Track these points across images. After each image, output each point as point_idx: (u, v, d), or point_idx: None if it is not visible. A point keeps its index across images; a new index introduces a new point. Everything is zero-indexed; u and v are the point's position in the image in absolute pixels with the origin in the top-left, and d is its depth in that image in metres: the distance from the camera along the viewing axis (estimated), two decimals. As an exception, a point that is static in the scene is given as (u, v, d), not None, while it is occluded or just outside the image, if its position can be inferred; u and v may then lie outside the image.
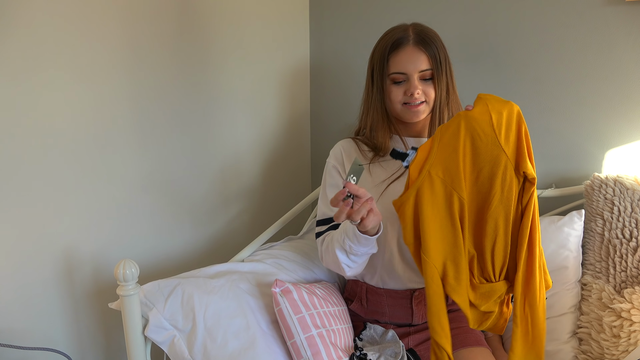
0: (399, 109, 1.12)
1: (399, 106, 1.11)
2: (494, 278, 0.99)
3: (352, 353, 1.07)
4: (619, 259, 1.17)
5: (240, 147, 1.64)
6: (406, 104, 1.10)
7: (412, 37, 1.08)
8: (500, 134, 0.94)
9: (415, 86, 1.07)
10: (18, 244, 1.13)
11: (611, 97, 1.31)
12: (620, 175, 1.24)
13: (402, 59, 1.07)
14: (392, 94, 1.10)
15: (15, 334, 1.16)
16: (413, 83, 1.07)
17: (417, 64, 1.07)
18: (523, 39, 1.40)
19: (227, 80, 1.55)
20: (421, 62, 1.07)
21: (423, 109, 1.10)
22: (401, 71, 1.08)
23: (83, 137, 1.21)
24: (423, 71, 1.07)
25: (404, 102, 1.10)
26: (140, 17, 1.28)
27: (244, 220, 1.73)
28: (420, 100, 1.09)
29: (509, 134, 0.95)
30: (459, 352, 1.10)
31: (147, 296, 1.07)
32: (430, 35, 1.09)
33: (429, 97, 1.10)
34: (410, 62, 1.07)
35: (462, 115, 0.96)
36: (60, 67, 1.14)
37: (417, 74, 1.07)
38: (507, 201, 0.96)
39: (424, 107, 1.10)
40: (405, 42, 1.07)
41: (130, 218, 1.36)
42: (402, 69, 1.07)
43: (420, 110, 1.10)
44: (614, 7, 1.26)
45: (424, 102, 1.10)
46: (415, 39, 1.08)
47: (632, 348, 1.04)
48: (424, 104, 1.10)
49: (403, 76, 1.08)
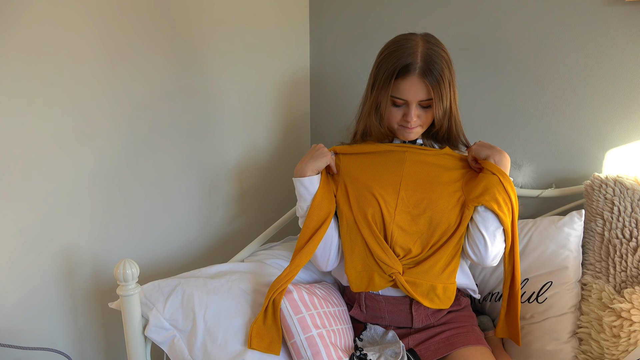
0: (395, 127, 1.17)
1: (395, 125, 1.17)
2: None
3: (352, 353, 1.07)
4: (619, 259, 1.17)
5: (241, 149, 1.64)
6: (402, 126, 1.16)
7: (419, 65, 1.06)
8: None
9: (413, 115, 1.11)
10: (18, 244, 1.13)
11: (611, 97, 1.31)
12: (620, 175, 1.24)
13: (405, 88, 1.09)
14: (391, 115, 1.15)
15: (15, 334, 1.16)
16: (411, 111, 1.11)
17: (418, 94, 1.09)
18: (523, 39, 1.40)
19: (228, 84, 1.55)
20: (422, 93, 1.09)
21: (418, 131, 1.16)
22: (402, 97, 1.11)
23: (82, 137, 1.21)
24: (422, 100, 1.11)
25: (400, 124, 1.16)
26: (138, 23, 1.27)
27: (244, 220, 1.73)
28: (416, 125, 1.14)
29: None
30: (459, 351, 1.11)
31: (147, 296, 1.07)
32: (436, 63, 1.07)
33: (425, 122, 1.15)
34: (412, 92, 1.09)
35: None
36: (58, 69, 1.14)
37: (417, 102, 1.11)
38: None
39: (419, 129, 1.16)
40: (412, 71, 1.07)
41: (130, 218, 1.36)
42: (403, 96, 1.10)
43: (415, 132, 1.16)
44: (614, 7, 1.26)
45: (419, 126, 1.15)
46: (421, 67, 1.06)
47: (632, 348, 1.04)
48: (419, 127, 1.16)
49: (402, 101, 1.12)
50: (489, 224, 1.09)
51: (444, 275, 1.12)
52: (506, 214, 1.08)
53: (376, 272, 1.13)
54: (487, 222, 1.09)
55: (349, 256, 1.16)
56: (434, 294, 1.12)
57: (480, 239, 1.09)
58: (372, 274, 1.13)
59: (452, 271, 1.14)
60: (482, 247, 1.09)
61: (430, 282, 1.11)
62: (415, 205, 1.13)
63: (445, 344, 1.13)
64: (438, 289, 1.12)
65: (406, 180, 1.16)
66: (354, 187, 1.17)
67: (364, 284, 1.15)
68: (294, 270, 1.11)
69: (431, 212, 1.12)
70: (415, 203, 1.13)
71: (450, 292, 1.14)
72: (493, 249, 1.10)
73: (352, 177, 1.19)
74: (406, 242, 1.13)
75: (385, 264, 1.11)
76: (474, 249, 1.11)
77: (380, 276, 1.13)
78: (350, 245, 1.16)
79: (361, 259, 1.15)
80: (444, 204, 1.12)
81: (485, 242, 1.09)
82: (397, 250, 1.13)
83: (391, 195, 1.15)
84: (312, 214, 1.14)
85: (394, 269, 1.11)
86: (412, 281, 1.12)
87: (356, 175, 1.19)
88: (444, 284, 1.12)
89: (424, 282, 1.11)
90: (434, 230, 1.12)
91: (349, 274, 1.16)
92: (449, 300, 1.14)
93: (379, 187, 1.15)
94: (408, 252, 1.13)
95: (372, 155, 1.21)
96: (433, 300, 1.13)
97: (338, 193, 1.19)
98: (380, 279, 1.13)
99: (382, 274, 1.13)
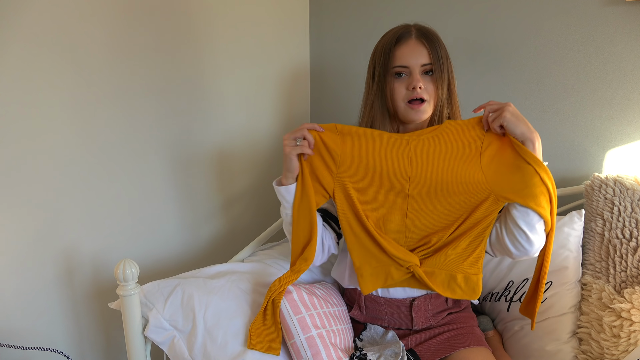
0: (402, 108, 1.10)
1: (403, 104, 1.10)
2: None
3: (352, 353, 1.07)
4: (619, 259, 1.17)
5: (241, 148, 1.64)
6: (409, 103, 1.09)
7: (414, 32, 1.10)
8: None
9: (418, 79, 1.07)
10: (18, 244, 1.13)
11: (611, 97, 1.31)
12: (620, 175, 1.24)
13: (405, 52, 1.08)
14: (395, 91, 1.10)
15: (15, 334, 1.16)
16: (415, 76, 1.08)
17: (419, 57, 1.08)
18: (523, 39, 1.40)
19: (227, 82, 1.55)
20: (423, 56, 1.08)
21: (425, 108, 1.09)
22: (404, 64, 1.08)
23: (83, 137, 1.21)
24: (424, 65, 1.08)
25: (407, 101, 1.09)
26: (138, 19, 1.27)
27: (244, 220, 1.73)
28: (422, 96, 1.08)
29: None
30: (459, 352, 1.10)
31: (147, 296, 1.07)
32: (431, 32, 1.11)
33: (431, 93, 1.09)
34: (413, 56, 1.08)
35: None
36: (58, 68, 1.14)
37: (419, 67, 1.08)
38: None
39: (426, 106, 1.09)
40: (408, 36, 1.09)
41: (130, 218, 1.36)
42: (405, 62, 1.08)
43: (422, 109, 1.09)
44: (614, 7, 1.26)
45: (426, 101, 1.09)
46: (417, 33, 1.10)
47: (632, 348, 1.04)
48: (426, 103, 1.09)
49: (405, 69, 1.09)
50: (529, 219, 1.01)
51: (465, 264, 1.07)
52: (545, 207, 1.00)
53: (392, 266, 1.10)
54: (527, 218, 1.01)
55: (359, 256, 1.11)
56: (455, 284, 1.08)
57: (522, 234, 1.03)
58: (389, 268, 1.10)
59: (475, 261, 1.08)
60: (525, 242, 1.04)
61: (450, 271, 1.07)
62: (429, 202, 1.07)
63: (446, 344, 1.13)
64: (458, 278, 1.07)
65: (416, 175, 1.06)
66: (357, 188, 1.09)
67: (381, 280, 1.11)
68: (295, 275, 1.09)
69: (448, 204, 1.06)
70: (428, 199, 1.07)
71: (473, 283, 1.08)
72: (537, 242, 1.04)
73: (353, 175, 1.08)
74: (422, 238, 1.09)
75: (400, 259, 1.08)
76: (516, 244, 1.05)
77: (398, 269, 1.09)
78: (358, 245, 1.11)
79: (374, 256, 1.10)
80: (463, 193, 1.05)
81: (527, 237, 1.03)
82: (413, 245, 1.10)
83: (401, 197, 1.08)
84: (299, 219, 1.09)
85: (411, 262, 1.07)
86: (430, 271, 1.08)
87: (358, 173, 1.08)
88: (464, 274, 1.07)
89: (442, 270, 1.07)
90: (452, 220, 1.07)
91: (363, 273, 1.11)
92: (473, 292, 1.09)
93: (385, 191, 1.08)
94: (425, 244, 1.09)
95: (375, 143, 1.08)
96: (455, 291, 1.09)
97: (337, 191, 1.09)
98: (397, 272, 1.10)
99: (398, 267, 1.09)
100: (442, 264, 1.08)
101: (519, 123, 0.99)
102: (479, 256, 1.08)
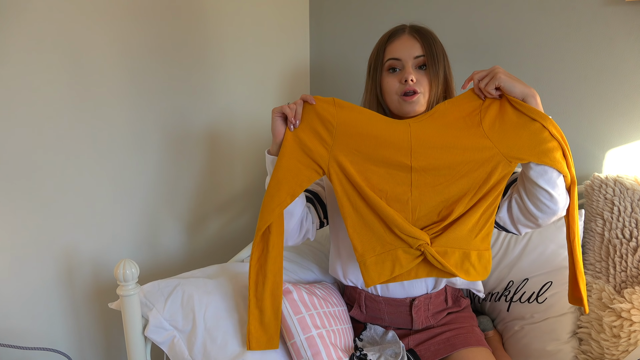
0: (395, 101, 1.10)
1: (396, 97, 1.09)
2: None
3: (352, 353, 1.07)
4: (619, 259, 1.17)
5: (240, 147, 1.65)
6: (402, 96, 1.08)
7: (407, 28, 1.12)
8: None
9: (410, 72, 1.07)
10: (18, 244, 1.13)
11: (611, 97, 1.31)
12: (620, 175, 1.24)
13: (397, 46, 1.10)
14: (388, 84, 1.10)
15: (15, 334, 1.16)
16: (407, 69, 1.08)
17: (411, 50, 1.08)
18: (523, 39, 1.40)
19: (227, 81, 1.55)
20: (415, 48, 1.08)
21: (418, 99, 1.07)
22: (396, 57, 1.09)
23: (83, 137, 1.21)
24: (417, 57, 1.08)
25: (400, 94, 1.08)
26: (138, 17, 1.28)
27: (244, 220, 1.73)
28: (414, 89, 1.06)
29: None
30: (460, 352, 1.11)
31: (147, 296, 1.07)
32: (425, 29, 1.12)
33: (424, 86, 1.07)
34: (404, 49, 1.09)
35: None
36: (60, 66, 1.14)
37: (412, 60, 1.08)
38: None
39: (419, 97, 1.07)
40: (401, 32, 1.12)
41: (130, 218, 1.36)
42: (397, 54, 1.09)
43: (415, 101, 1.07)
44: (614, 7, 1.26)
45: (419, 93, 1.07)
46: (410, 29, 1.12)
47: (632, 348, 1.04)
48: (419, 95, 1.07)
49: (398, 62, 1.09)
50: (547, 177, 0.96)
51: (477, 240, 1.00)
52: (561, 161, 0.95)
53: (400, 248, 1.00)
54: (545, 176, 0.96)
55: (362, 240, 1.02)
56: (469, 263, 1.00)
57: (544, 193, 0.97)
58: (396, 252, 1.00)
59: (485, 235, 1.01)
60: (549, 202, 0.98)
61: (463, 249, 0.99)
62: (434, 175, 1.01)
63: (446, 344, 1.13)
64: (472, 256, 1.00)
65: (417, 148, 1.00)
66: (355, 161, 1.02)
67: (387, 269, 1.01)
68: (283, 202, 1.01)
69: (456, 175, 1.00)
70: (434, 173, 1.01)
71: (485, 261, 1.02)
72: (561, 200, 0.99)
73: (351, 148, 1.02)
74: (430, 214, 1.02)
75: (411, 237, 0.98)
76: (541, 207, 0.99)
77: (406, 252, 1.00)
78: (361, 225, 1.02)
79: (378, 238, 1.01)
80: (470, 162, 0.99)
81: (550, 195, 0.97)
82: (421, 225, 1.02)
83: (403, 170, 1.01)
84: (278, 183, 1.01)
85: (422, 240, 0.98)
86: (443, 251, 0.99)
87: (356, 146, 1.02)
88: (477, 250, 1.00)
89: (456, 249, 0.99)
90: (462, 193, 1.00)
91: (366, 261, 1.01)
92: (485, 270, 1.02)
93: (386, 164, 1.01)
94: (434, 222, 1.02)
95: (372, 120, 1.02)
96: (469, 272, 1.00)
97: (332, 165, 1.01)
98: (406, 255, 1.00)
99: (407, 249, 1.00)
100: (454, 242, 0.99)
101: (515, 81, 0.97)
102: (489, 230, 1.02)
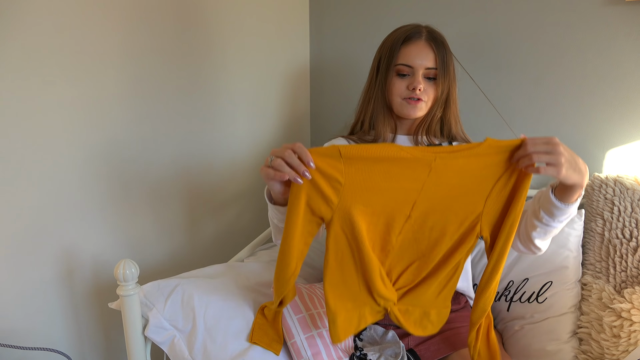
0: (398, 102, 1.12)
1: (399, 100, 1.12)
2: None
3: (352, 353, 1.07)
4: (619, 259, 1.17)
5: (241, 148, 1.64)
6: (406, 99, 1.11)
7: (424, 33, 1.10)
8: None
9: (419, 81, 1.08)
10: (18, 243, 1.13)
11: (611, 97, 1.31)
12: (620, 175, 1.24)
13: (412, 52, 1.09)
14: (395, 86, 1.11)
15: (15, 334, 1.15)
16: (417, 78, 1.08)
17: (424, 60, 1.08)
18: (523, 39, 1.40)
19: (227, 81, 1.55)
20: (429, 59, 1.08)
21: (421, 106, 1.11)
22: (408, 63, 1.09)
23: (83, 137, 1.21)
24: (428, 69, 1.09)
25: (404, 98, 1.11)
26: (139, 17, 1.27)
27: (244, 220, 1.73)
28: (420, 97, 1.10)
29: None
30: (460, 352, 1.10)
31: (147, 296, 1.07)
32: (441, 37, 1.11)
33: (429, 96, 1.11)
34: (419, 57, 1.08)
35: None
36: (59, 67, 1.13)
37: (423, 70, 1.09)
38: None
39: (422, 104, 1.11)
40: (418, 37, 1.10)
41: (130, 218, 1.36)
42: (410, 61, 1.09)
43: (419, 106, 1.11)
44: (614, 7, 1.26)
45: (424, 101, 1.11)
46: (427, 35, 1.10)
47: (632, 348, 1.04)
48: (423, 102, 1.11)
49: (409, 69, 1.09)
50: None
51: (439, 299, 0.98)
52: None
53: (368, 306, 0.95)
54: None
55: (336, 296, 0.93)
56: (428, 320, 0.98)
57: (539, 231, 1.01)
58: (364, 309, 0.95)
59: (447, 295, 0.98)
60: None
61: (424, 308, 0.97)
62: (421, 226, 0.93)
63: (446, 344, 1.13)
64: (432, 315, 0.98)
65: (424, 197, 0.90)
66: (361, 211, 0.90)
67: (354, 325, 0.95)
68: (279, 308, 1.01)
69: (437, 231, 0.93)
70: (423, 224, 0.93)
71: (443, 316, 1.00)
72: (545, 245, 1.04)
73: (359, 205, 0.89)
74: (402, 266, 0.97)
75: (381, 297, 0.94)
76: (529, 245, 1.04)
77: (372, 309, 0.96)
78: (340, 282, 0.94)
79: (351, 295, 0.94)
80: (456, 221, 0.92)
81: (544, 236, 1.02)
82: (392, 276, 0.97)
83: (401, 215, 0.92)
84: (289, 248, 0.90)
85: (390, 300, 0.95)
86: (405, 309, 0.97)
87: (365, 202, 0.90)
88: (437, 309, 0.98)
89: (417, 308, 0.97)
90: (436, 252, 0.94)
91: (336, 319, 0.93)
92: (440, 324, 1.00)
93: (388, 208, 0.91)
94: (402, 276, 0.97)
95: (389, 164, 0.87)
96: (426, 328, 0.98)
97: (335, 222, 0.90)
98: (372, 312, 0.96)
99: (374, 306, 0.95)
100: (417, 301, 0.97)
101: (574, 173, 0.82)
102: (451, 289, 0.98)
